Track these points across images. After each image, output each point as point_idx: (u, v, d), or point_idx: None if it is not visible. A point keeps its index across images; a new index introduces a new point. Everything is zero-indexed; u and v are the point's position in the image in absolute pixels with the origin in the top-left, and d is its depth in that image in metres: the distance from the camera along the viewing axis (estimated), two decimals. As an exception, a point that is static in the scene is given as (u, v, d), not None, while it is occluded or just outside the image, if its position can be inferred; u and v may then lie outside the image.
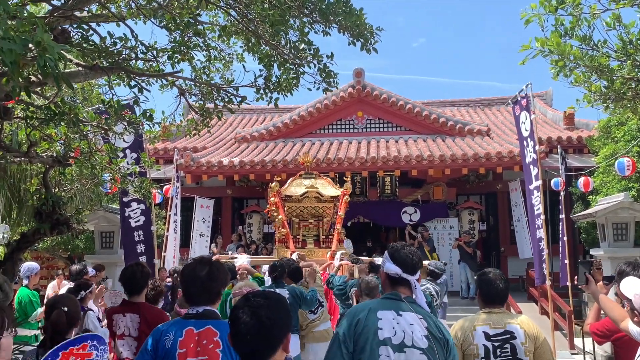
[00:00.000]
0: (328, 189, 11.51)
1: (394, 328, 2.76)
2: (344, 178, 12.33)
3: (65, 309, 3.46)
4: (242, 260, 8.74)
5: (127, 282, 4.56)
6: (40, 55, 2.54)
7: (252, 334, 2.06)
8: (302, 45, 4.84)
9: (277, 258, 9.48)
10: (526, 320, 3.77)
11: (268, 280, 8.28)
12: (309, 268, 7.63)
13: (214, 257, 9.81)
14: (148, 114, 4.58)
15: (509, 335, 3.62)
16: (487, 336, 3.62)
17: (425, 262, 8.09)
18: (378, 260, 10.38)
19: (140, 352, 3.00)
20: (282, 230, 11.12)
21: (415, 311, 2.85)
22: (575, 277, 4.32)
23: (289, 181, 11.78)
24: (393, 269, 2.94)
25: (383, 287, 3.08)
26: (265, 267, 10.26)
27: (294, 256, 8.58)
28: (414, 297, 2.95)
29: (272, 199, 11.26)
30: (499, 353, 3.58)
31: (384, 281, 3.05)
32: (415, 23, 76.80)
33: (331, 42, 55.57)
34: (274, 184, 11.32)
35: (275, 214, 11.35)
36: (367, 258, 10.75)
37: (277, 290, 6.65)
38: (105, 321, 6.14)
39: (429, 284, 7.28)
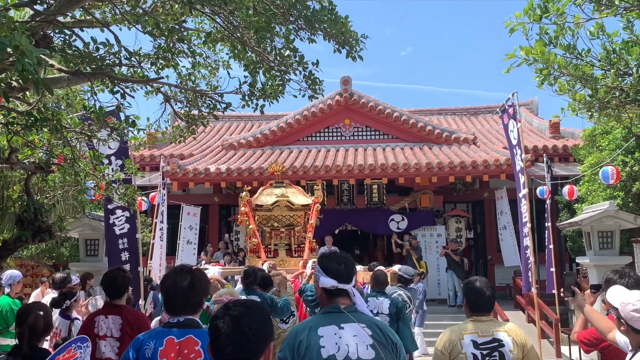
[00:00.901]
0: (299, 197, 11.45)
1: (336, 343, 2.66)
2: (315, 186, 12.22)
3: (42, 312, 3.41)
4: (213, 271, 8.69)
5: (109, 286, 4.65)
6: (19, 59, 2.50)
7: (233, 344, 2.02)
8: (287, 52, 4.83)
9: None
10: (514, 328, 3.77)
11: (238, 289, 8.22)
12: (279, 277, 7.55)
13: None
14: (131, 121, 4.53)
15: (497, 343, 3.62)
16: (476, 344, 3.62)
17: (395, 268, 8.07)
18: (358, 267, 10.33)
19: None
20: (253, 240, 11.07)
21: (357, 321, 2.75)
22: (562, 290, 4.34)
23: (259, 190, 11.73)
24: (328, 282, 2.83)
25: (320, 301, 2.95)
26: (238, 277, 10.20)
27: (265, 266, 8.52)
28: (354, 305, 2.85)
29: (243, 208, 11.20)
30: None
31: (320, 295, 2.92)
32: (403, 32, 77.25)
33: (319, 50, 55.72)
34: (244, 193, 11.28)
35: (246, 224, 11.32)
36: None
37: (250, 297, 6.60)
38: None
39: (400, 290, 7.26)
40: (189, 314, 3.02)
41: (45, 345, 5.82)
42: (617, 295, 3.44)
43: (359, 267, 10.34)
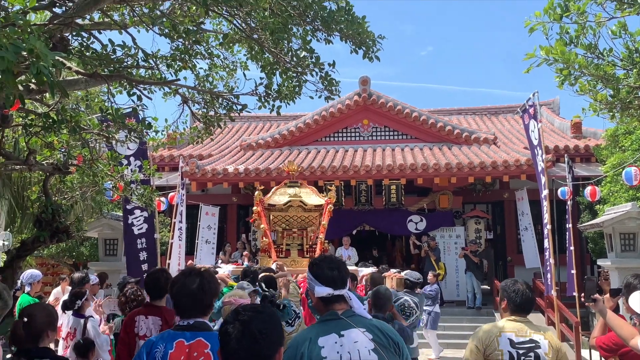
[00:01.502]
0: (312, 197, 11.34)
1: (338, 352, 2.63)
2: (329, 187, 12.11)
3: (25, 319, 3.34)
4: (225, 270, 8.69)
5: (151, 286, 4.70)
6: (34, 63, 2.51)
7: (244, 349, 2.00)
8: (304, 54, 4.81)
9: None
10: (550, 333, 3.80)
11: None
12: (283, 278, 7.48)
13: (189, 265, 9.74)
14: (147, 123, 4.54)
15: (534, 344, 3.64)
16: (512, 343, 3.64)
17: (403, 273, 7.95)
18: (362, 270, 10.21)
19: None
20: (265, 239, 11.04)
21: (357, 325, 2.71)
22: (582, 295, 4.31)
23: (272, 190, 11.68)
24: (324, 291, 2.78)
25: (317, 308, 2.90)
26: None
27: (274, 266, 8.49)
28: (351, 308, 2.81)
29: (255, 207, 11.16)
30: None
31: (316, 303, 2.88)
32: (424, 31, 76.90)
33: (338, 50, 55.71)
34: (257, 192, 11.23)
35: (259, 223, 11.28)
36: (353, 267, 10.59)
37: None
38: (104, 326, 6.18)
39: (406, 295, 7.11)
40: (199, 316, 3.03)
41: (61, 344, 5.90)
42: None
43: (368, 270, 10.27)
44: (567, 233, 12.44)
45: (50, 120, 4.39)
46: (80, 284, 7.50)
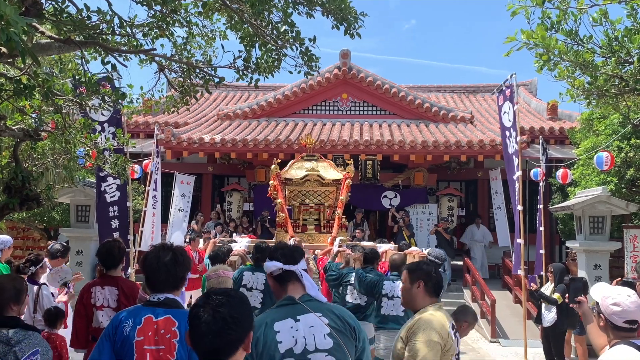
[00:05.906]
0: (330, 172, 11.10)
1: (293, 337, 2.66)
2: (347, 161, 11.96)
3: None
4: (241, 244, 8.54)
5: (105, 257, 4.71)
6: (3, 29, 2.42)
7: (213, 333, 1.99)
8: (284, 27, 4.73)
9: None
10: None
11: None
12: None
13: (212, 241, 9.61)
14: (122, 93, 4.44)
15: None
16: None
17: (426, 252, 7.89)
18: (381, 246, 10.10)
19: (100, 338, 2.93)
20: (281, 214, 10.89)
21: (313, 310, 2.74)
22: (567, 295, 4.31)
23: (289, 163, 11.46)
24: (273, 265, 2.83)
25: (275, 293, 2.93)
26: None
27: (292, 241, 8.43)
28: (307, 291, 2.83)
29: (272, 182, 10.97)
30: None
31: (273, 286, 2.92)
32: (407, 5, 76.39)
33: (320, 22, 55.15)
34: (273, 166, 11.03)
35: (275, 197, 11.13)
36: (369, 243, 10.48)
37: (256, 274, 6.51)
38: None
39: None
40: (171, 291, 3.02)
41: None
42: (600, 290, 3.40)
43: (386, 246, 10.13)
44: (537, 214, 12.62)
45: (22, 86, 4.27)
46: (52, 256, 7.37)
